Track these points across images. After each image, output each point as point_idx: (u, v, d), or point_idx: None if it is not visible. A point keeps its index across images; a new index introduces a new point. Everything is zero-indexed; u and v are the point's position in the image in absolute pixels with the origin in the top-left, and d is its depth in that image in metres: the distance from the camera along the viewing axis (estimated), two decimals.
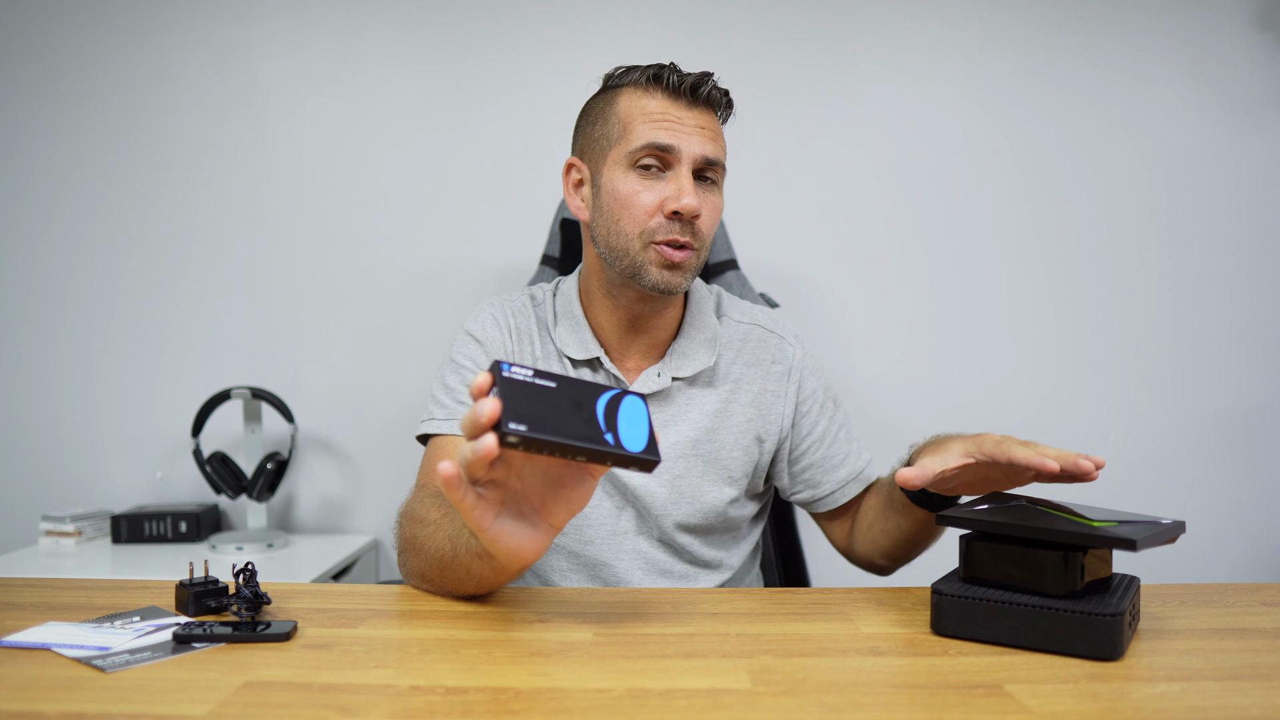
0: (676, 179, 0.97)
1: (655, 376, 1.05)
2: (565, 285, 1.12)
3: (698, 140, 0.98)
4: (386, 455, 1.86)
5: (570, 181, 1.06)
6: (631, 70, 1.02)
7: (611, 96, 1.02)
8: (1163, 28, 1.86)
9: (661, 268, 0.98)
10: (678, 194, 0.96)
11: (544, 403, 0.64)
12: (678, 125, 0.98)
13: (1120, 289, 1.88)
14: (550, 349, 1.08)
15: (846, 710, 0.57)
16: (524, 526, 0.70)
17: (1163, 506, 1.78)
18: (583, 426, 0.65)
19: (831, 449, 1.10)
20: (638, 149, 0.97)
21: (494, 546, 0.69)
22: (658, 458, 0.67)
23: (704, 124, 0.99)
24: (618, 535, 1.06)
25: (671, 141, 0.97)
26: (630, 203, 0.98)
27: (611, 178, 1.00)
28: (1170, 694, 0.60)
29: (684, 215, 0.96)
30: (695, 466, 1.05)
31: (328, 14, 1.85)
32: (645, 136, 0.97)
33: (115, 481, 1.86)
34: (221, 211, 1.86)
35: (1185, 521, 0.76)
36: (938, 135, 1.86)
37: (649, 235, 0.98)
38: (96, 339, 1.87)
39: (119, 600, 0.81)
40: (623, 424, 0.67)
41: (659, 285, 0.99)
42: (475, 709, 0.56)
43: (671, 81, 0.98)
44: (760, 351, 1.11)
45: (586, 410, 0.66)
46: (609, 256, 1.01)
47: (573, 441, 0.63)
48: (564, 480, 0.70)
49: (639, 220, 0.98)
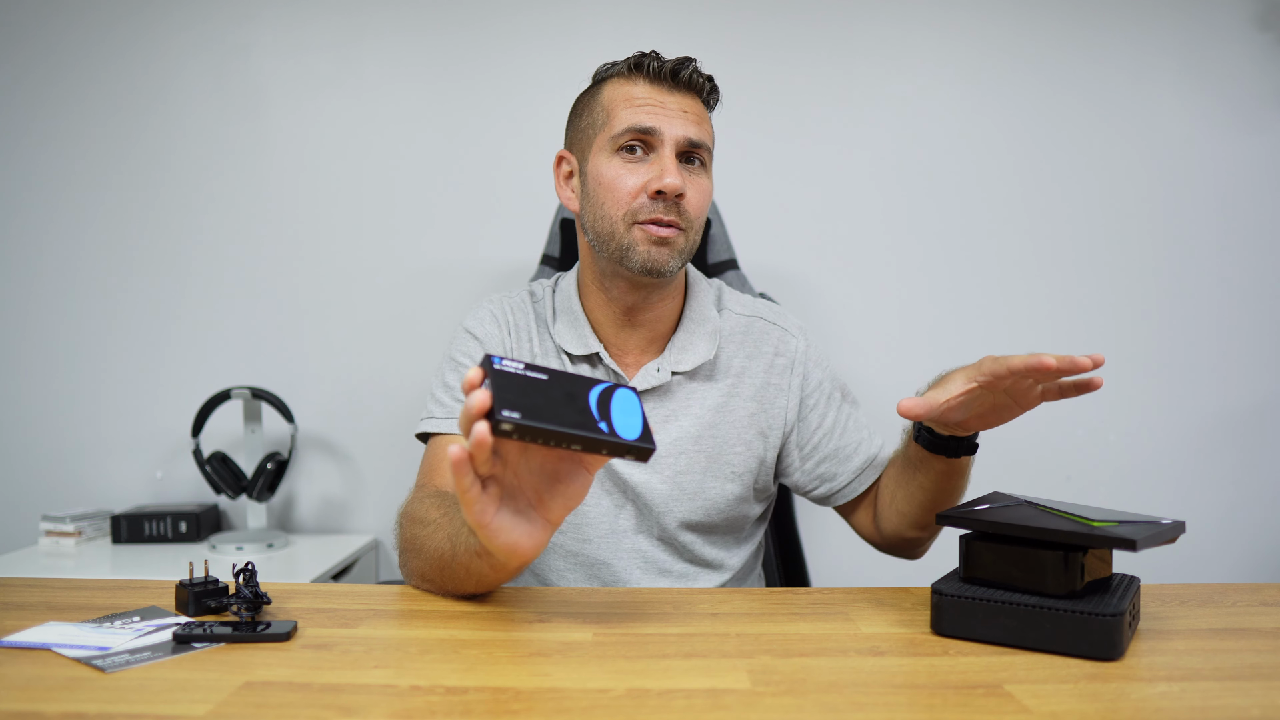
0: (660, 160, 0.98)
1: (655, 371, 1.05)
2: (564, 281, 1.12)
3: (680, 122, 0.99)
4: (386, 455, 1.86)
5: (561, 174, 1.08)
6: (617, 62, 1.03)
7: (597, 88, 1.04)
8: (1163, 28, 1.86)
9: (649, 244, 0.98)
10: (660, 174, 0.97)
11: (537, 393, 0.64)
12: (660, 109, 0.99)
13: (1119, 289, 1.88)
14: (549, 345, 1.08)
15: (846, 710, 0.57)
16: (522, 522, 0.70)
17: (1163, 506, 1.78)
18: (576, 415, 0.65)
19: (844, 439, 1.09)
20: (620, 132, 0.99)
21: (493, 542, 0.69)
22: (653, 445, 0.67)
23: (687, 107, 1.00)
24: (617, 533, 1.05)
25: (653, 124, 0.98)
26: (614, 185, 0.99)
27: (596, 164, 1.01)
28: (1170, 694, 0.60)
29: (667, 194, 0.97)
30: (698, 462, 1.05)
31: (329, 14, 1.85)
32: (627, 120, 0.99)
33: (115, 481, 1.86)
34: (222, 212, 1.86)
35: (1185, 521, 0.76)
36: (937, 135, 1.86)
37: (633, 215, 0.98)
38: (97, 339, 1.87)
39: (119, 600, 0.81)
40: (616, 414, 0.67)
41: (646, 264, 0.98)
42: (475, 709, 0.56)
43: (652, 68, 1.00)
44: (762, 344, 1.10)
45: (579, 401, 0.66)
46: (597, 243, 1.02)
47: (567, 429, 0.64)
48: (560, 475, 0.70)
49: (623, 202, 0.98)
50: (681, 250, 1.00)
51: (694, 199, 1.00)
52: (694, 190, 1.00)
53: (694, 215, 1.00)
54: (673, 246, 0.99)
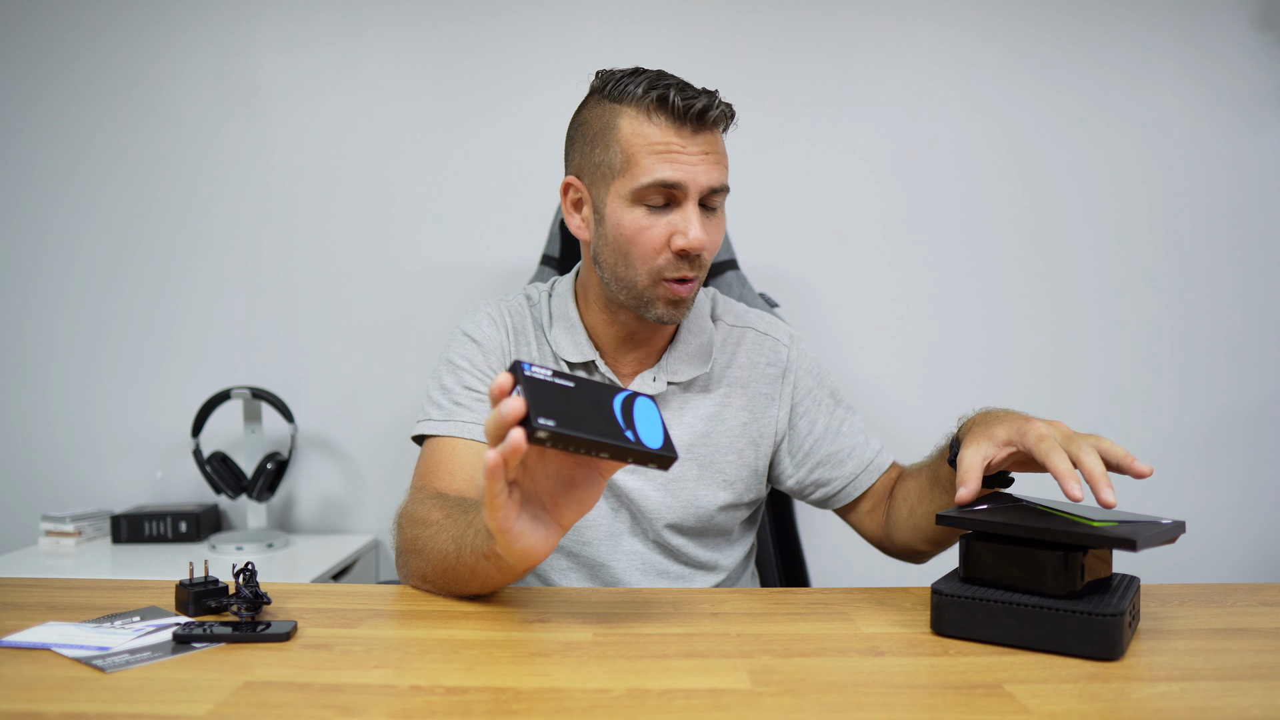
0: (683, 213, 0.95)
1: (650, 381, 1.05)
2: (561, 286, 1.11)
3: (704, 170, 0.95)
4: (386, 455, 1.86)
5: (569, 200, 1.03)
6: (629, 82, 0.96)
7: (611, 117, 0.97)
8: (1163, 28, 1.86)
9: (668, 304, 0.98)
10: (685, 229, 0.95)
11: (567, 401, 0.66)
12: (683, 155, 0.94)
13: (1120, 288, 1.88)
14: (546, 351, 1.08)
15: (846, 710, 0.57)
16: (538, 527, 0.71)
17: (1163, 506, 1.77)
18: (605, 424, 0.66)
19: (836, 444, 1.09)
20: (644, 186, 0.94)
21: (512, 546, 0.69)
22: (675, 454, 0.69)
23: (709, 148, 0.95)
24: (614, 536, 1.06)
25: (679, 178, 0.94)
26: (638, 239, 0.96)
27: (616, 210, 0.97)
28: (1170, 694, 0.60)
29: (691, 252, 0.95)
30: (690, 470, 1.06)
31: (328, 14, 1.85)
32: (652, 173, 0.94)
33: (115, 481, 1.86)
34: (222, 211, 1.86)
35: (1185, 521, 0.76)
36: (937, 135, 1.86)
37: (657, 273, 0.97)
38: (96, 339, 1.87)
39: (119, 600, 0.81)
40: (640, 422, 0.69)
41: (663, 319, 0.99)
42: (475, 709, 0.56)
43: (677, 106, 0.93)
44: (755, 355, 1.10)
45: (605, 409, 0.68)
46: (614, 285, 1.00)
47: (598, 438, 0.65)
48: (576, 481, 0.71)
49: (648, 258, 0.96)
50: (694, 298, 1.01)
51: (712, 244, 0.98)
52: (713, 236, 0.98)
53: (709, 261, 1.00)
54: (688, 302, 1.00)
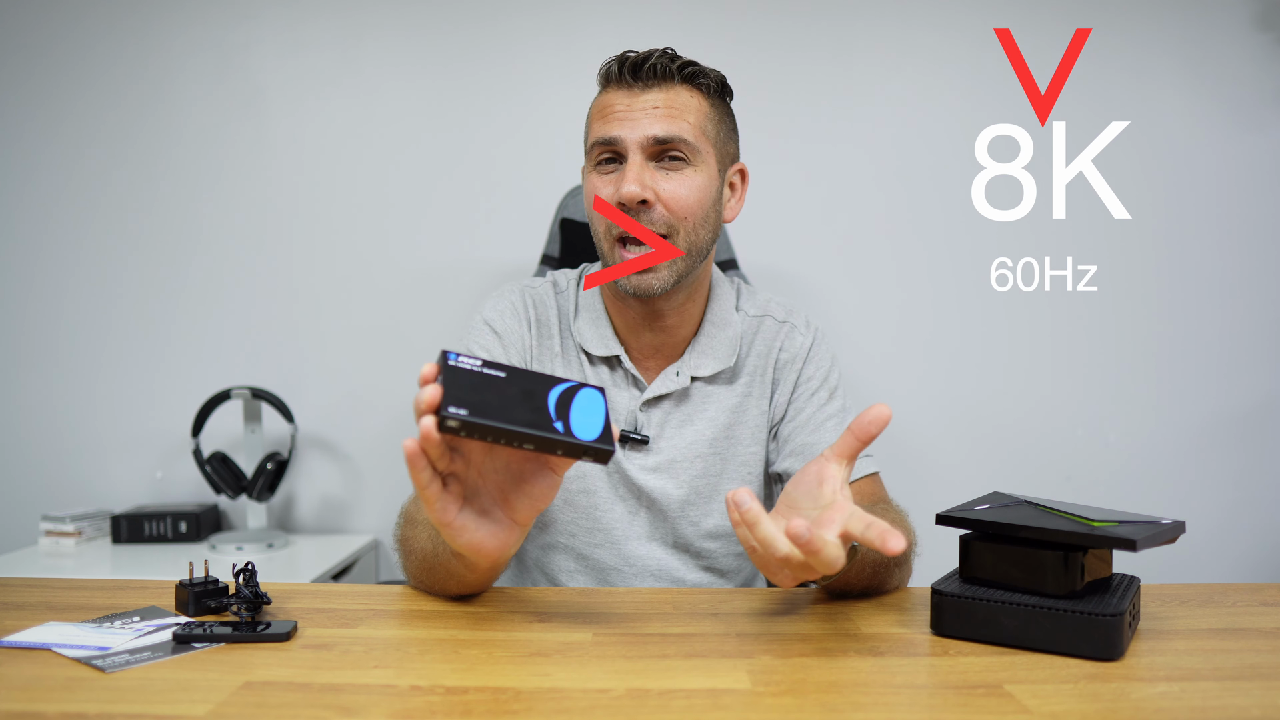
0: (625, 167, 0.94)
1: (674, 375, 1.03)
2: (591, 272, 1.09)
3: (645, 122, 0.93)
4: (386, 455, 1.86)
5: None
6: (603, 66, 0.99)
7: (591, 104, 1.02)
8: (1163, 28, 1.86)
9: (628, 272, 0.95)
10: (619, 182, 0.93)
11: (489, 390, 0.64)
12: (626, 114, 0.94)
13: (1119, 288, 1.88)
14: (570, 344, 1.05)
15: (846, 710, 0.57)
16: (486, 523, 0.69)
17: (1163, 506, 1.77)
18: (529, 414, 0.64)
19: (813, 436, 1.02)
20: (590, 148, 0.97)
21: (455, 541, 0.68)
22: (612, 447, 0.66)
23: (660, 103, 0.94)
24: (630, 540, 1.03)
25: (615, 133, 0.94)
26: (590, 201, 0.97)
27: (585, 184, 1.00)
28: (1170, 694, 0.60)
29: (627, 203, 0.93)
30: (714, 465, 1.03)
31: (328, 14, 1.85)
32: (594, 134, 0.96)
33: (115, 481, 1.86)
34: (222, 211, 1.86)
35: (1185, 521, 0.76)
36: (937, 135, 1.86)
37: (610, 235, 0.96)
38: (96, 339, 1.87)
39: (119, 600, 0.81)
40: (575, 414, 0.66)
41: (627, 289, 0.96)
42: (475, 709, 0.56)
43: (613, 72, 0.96)
44: (771, 342, 1.08)
45: (537, 399, 0.65)
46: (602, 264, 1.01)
47: (516, 427, 0.63)
48: (525, 475, 0.69)
49: (600, 218, 0.97)
50: (669, 265, 0.95)
51: (672, 199, 0.94)
52: (669, 188, 0.94)
53: (677, 217, 0.94)
54: (656, 270, 0.95)
